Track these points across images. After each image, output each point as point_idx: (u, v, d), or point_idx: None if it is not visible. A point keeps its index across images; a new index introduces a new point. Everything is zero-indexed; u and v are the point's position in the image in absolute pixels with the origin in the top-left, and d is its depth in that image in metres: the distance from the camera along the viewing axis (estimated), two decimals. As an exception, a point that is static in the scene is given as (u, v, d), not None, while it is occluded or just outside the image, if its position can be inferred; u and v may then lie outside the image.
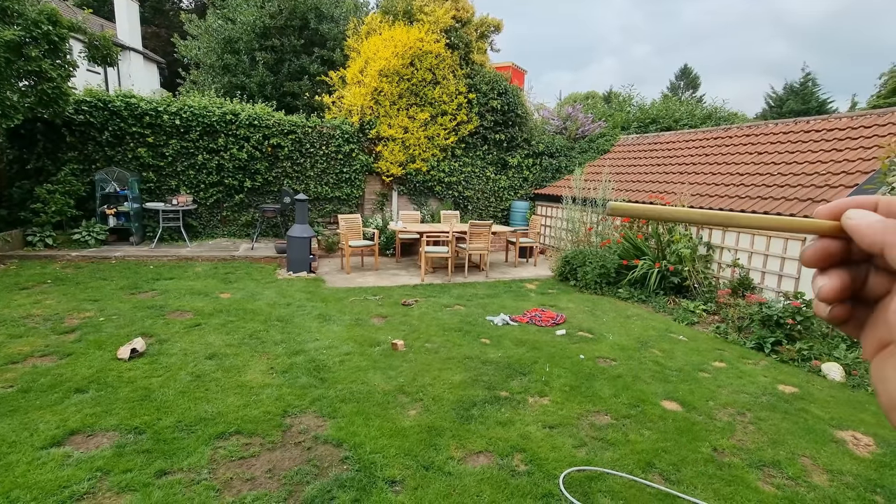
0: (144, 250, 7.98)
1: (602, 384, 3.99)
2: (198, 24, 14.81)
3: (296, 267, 7.41)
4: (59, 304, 5.25)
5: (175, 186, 8.95)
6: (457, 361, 4.29)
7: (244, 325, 4.90)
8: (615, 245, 7.65)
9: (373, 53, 9.91)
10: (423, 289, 6.99)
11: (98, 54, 7.78)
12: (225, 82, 13.52)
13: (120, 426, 2.98)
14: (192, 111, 8.74)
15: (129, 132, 8.46)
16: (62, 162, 8.15)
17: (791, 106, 25.83)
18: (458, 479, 2.68)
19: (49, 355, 3.96)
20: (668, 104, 15.46)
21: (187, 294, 5.90)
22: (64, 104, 7.40)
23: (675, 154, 9.67)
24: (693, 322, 5.96)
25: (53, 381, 3.49)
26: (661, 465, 2.93)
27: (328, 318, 5.31)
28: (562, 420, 3.38)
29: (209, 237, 9.36)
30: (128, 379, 3.60)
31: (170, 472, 2.59)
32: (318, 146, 9.70)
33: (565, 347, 4.80)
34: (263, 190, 9.57)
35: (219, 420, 3.11)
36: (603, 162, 11.18)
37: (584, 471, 2.82)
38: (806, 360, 4.76)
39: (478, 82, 10.60)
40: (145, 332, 4.55)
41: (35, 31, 6.58)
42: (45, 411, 3.10)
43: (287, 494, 2.48)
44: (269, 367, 3.97)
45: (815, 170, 6.49)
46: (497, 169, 11.35)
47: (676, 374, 4.32)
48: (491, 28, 11.06)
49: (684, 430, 3.35)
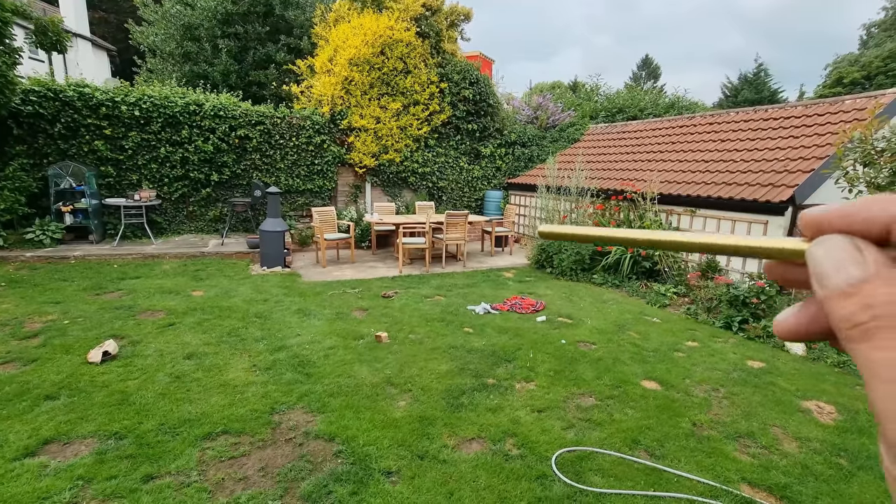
0: (106, 249, 7.60)
1: (585, 367, 4.11)
2: (154, 9, 14.05)
3: (270, 262, 7.24)
4: (17, 307, 4.95)
5: (137, 181, 8.54)
6: (442, 351, 4.31)
7: (221, 323, 4.76)
8: (589, 232, 7.82)
9: (342, 41, 9.69)
10: (401, 280, 6.96)
11: (47, 41, 7.30)
12: (186, 71, 12.93)
13: (98, 432, 2.85)
14: (153, 101, 8.32)
15: (83, 124, 7.98)
16: (10, 156, 7.63)
17: (745, 95, 26.97)
18: (453, 466, 2.71)
19: (11, 362, 3.73)
20: (634, 94, 15.86)
21: (157, 293, 5.67)
22: (10, 94, 6.90)
23: (643, 142, 9.94)
24: (665, 304, 6.19)
25: (20, 389, 3.29)
26: (645, 441, 3.05)
27: (308, 312, 5.23)
28: (549, 404, 3.46)
29: (175, 233, 8.99)
30: (102, 383, 3.44)
31: (157, 476, 2.51)
32: (287, 137, 9.44)
33: (547, 333, 4.90)
34: (232, 183, 9.25)
35: (204, 421, 3.03)
36: (575, 150, 11.37)
37: (574, 451, 2.90)
38: (771, 336, 5.03)
39: (449, 72, 10.54)
40: (116, 333, 4.36)
41: (-26, 14, 6.10)
42: (14, 421, 2.93)
43: (283, 491, 2.45)
44: (251, 364, 3.88)
45: (775, 156, 6.82)
46: (470, 159, 11.37)
47: (653, 354, 4.49)
48: (461, 17, 10.99)
49: (664, 407, 3.49)
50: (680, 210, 7.29)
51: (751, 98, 26.26)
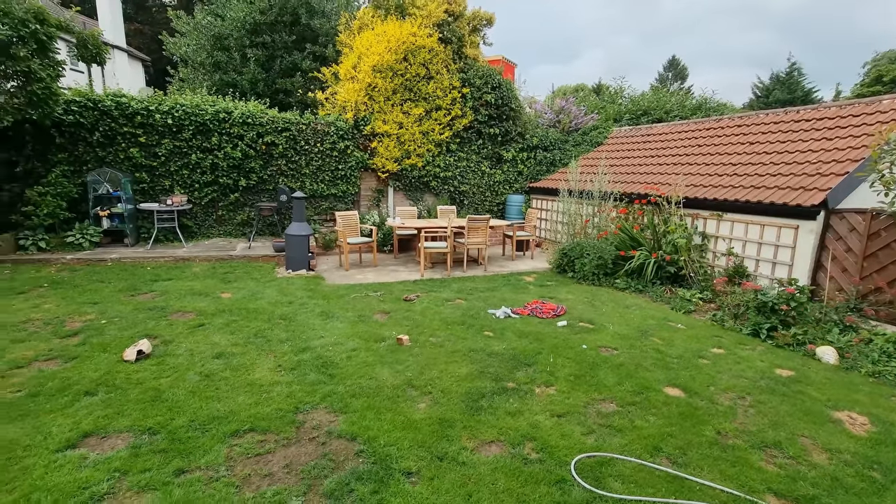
0: (140, 252, 7.92)
1: (606, 373, 4.07)
2: (186, 20, 14.59)
3: (295, 265, 7.41)
4: (59, 307, 5.21)
5: (169, 186, 8.88)
6: (462, 354, 4.34)
7: (248, 325, 4.91)
8: (612, 236, 7.74)
9: (365, 49, 9.86)
10: (423, 284, 7.02)
11: (87, 53, 7.68)
12: (216, 80, 13.37)
13: (133, 427, 3.00)
14: (185, 110, 8.65)
15: (120, 132, 8.36)
16: (52, 164, 8.03)
17: (777, 96, 26.14)
18: (472, 468, 2.73)
19: (54, 359, 3.94)
20: (659, 96, 15.58)
21: (188, 295, 5.88)
22: (53, 105, 7.28)
23: (668, 145, 9.78)
24: (690, 310, 6.07)
25: (62, 385, 3.48)
26: (667, 449, 3.01)
27: (331, 315, 5.33)
28: (569, 408, 3.45)
29: (205, 237, 9.30)
30: (136, 380, 3.60)
31: (188, 470, 2.62)
32: (312, 143, 9.66)
33: (568, 338, 4.87)
34: (259, 188, 9.52)
35: (231, 418, 3.14)
36: (598, 154, 11.26)
37: (594, 457, 2.89)
38: (801, 344, 4.88)
39: (471, 76, 10.60)
40: (149, 333, 4.55)
41: (22, 30, 6.46)
42: (56, 414, 3.11)
43: (306, 488, 2.52)
44: (276, 364, 4.00)
45: (807, 158, 6.61)
46: (492, 163, 11.39)
47: (677, 361, 4.42)
48: (483, 21, 11.05)
49: (688, 414, 3.44)
50: (706, 214, 7.14)
51: (783, 98, 25.44)
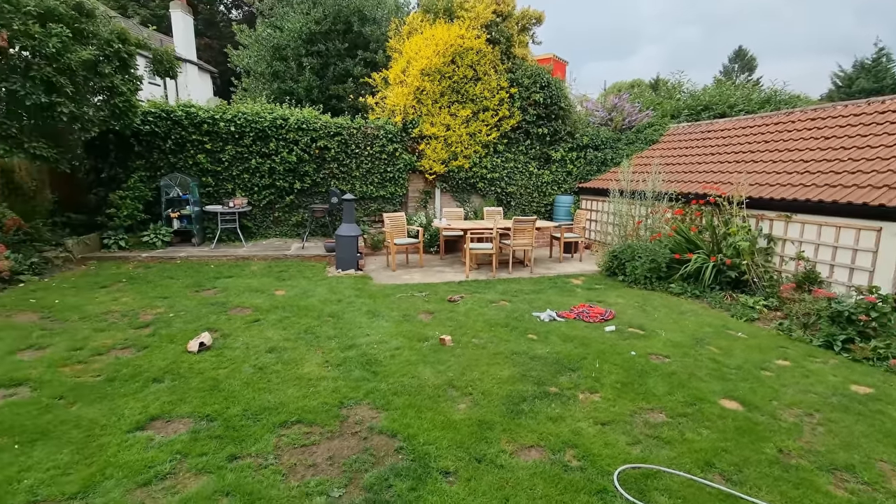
0: (205, 251, 8.50)
1: (655, 381, 3.89)
2: (248, 33, 15.51)
3: (344, 265, 7.66)
4: (134, 301, 5.70)
5: (231, 190, 9.46)
6: (504, 357, 4.31)
7: (299, 321, 5.13)
8: (666, 238, 7.38)
9: (414, 53, 10.03)
10: (467, 285, 7.03)
11: (161, 68, 8.34)
12: (274, 88, 14.10)
13: (194, 413, 3.22)
14: (246, 117, 9.19)
15: (189, 140, 9.02)
16: (131, 170, 8.81)
17: (862, 85, 23.86)
18: (510, 471, 2.71)
19: (128, 348, 4.32)
20: (722, 89, 14.65)
21: (245, 291, 6.24)
22: (133, 116, 7.99)
23: (731, 141, 9.19)
24: (753, 318, 5.67)
25: (134, 372, 3.81)
26: (721, 465, 2.83)
27: (377, 314, 5.47)
28: (614, 417, 3.33)
29: (263, 237, 9.83)
30: (198, 370, 3.87)
31: (240, 456, 2.78)
32: (362, 147, 9.95)
33: (615, 344, 4.70)
34: (312, 191, 9.93)
35: (281, 410, 3.30)
36: (652, 153, 10.78)
37: (639, 468, 2.77)
38: (882, 359, 4.43)
39: (519, 76, 10.49)
40: (210, 326, 4.87)
41: (107, 49, 7.14)
42: (129, 398, 3.40)
43: (347, 481, 2.60)
44: (324, 360, 4.15)
45: (892, 153, 5.99)
46: (540, 164, 11.21)
47: (735, 372, 4.14)
48: (532, 20, 10.91)
49: (746, 430, 3.21)
50: (772, 215, 6.64)
51: (868, 88, 23.15)
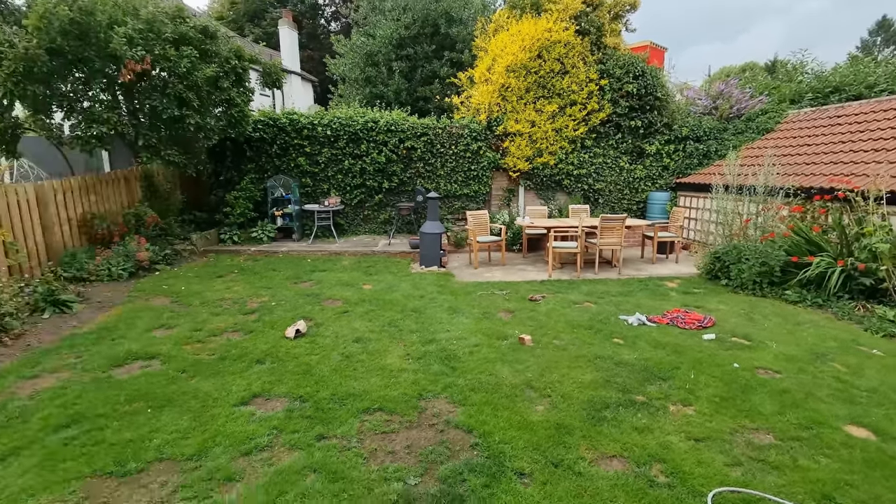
0: (303, 246, 9.24)
1: (762, 398, 3.48)
2: (344, 43, 16.54)
3: (427, 262, 7.86)
4: (244, 289, 6.37)
5: (326, 189, 10.17)
6: (587, 360, 4.13)
7: (383, 314, 5.37)
8: (781, 239, 6.55)
9: (500, 50, 9.97)
10: (550, 284, 6.85)
11: (269, 80, 9.20)
12: (366, 93, 14.89)
13: (289, 394, 3.52)
14: (340, 122, 9.83)
15: (291, 144, 9.86)
16: (244, 172, 9.86)
17: None
18: (589, 480, 2.59)
19: (237, 331, 4.83)
20: (859, 67, 12.59)
21: (337, 285, 6.67)
22: (246, 125, 8.93)
23: (867, 127, 7.90)
24: (892, 334, 4.83)
25: (241, 353, 4.26)
26: (843, 500, 2.45)
27: (457, 310, 5.54)
28: (710, 433, 3.04)
29: (353, 234, 10.44)
30: (293, 355, 4.22)
31: (327, 437, 2.99)
32: (447, 146, 10.13)
33: (714, 354, 4.29)
34: (399, 190, 10.33)
35: (364, 397, 3.48)
36: (764, 143, 9.64)
37: (738, 492, 2.50)
38: None
39: (610, 67, 9.96)
40: (306, 315, 5.28)
41: (226, 66, 8.04)
42: (236, 376, 3.81)
43: (423, 470, 2.67)
44: (405, 353, 4.30)
45: None
46: (632, 158, 10.55)
47: (867, 394, 3.56)
48: (626, 7, 10.30)
49: (878, 462, 2.75)
50: (923, 212, 5.59)
51: None
